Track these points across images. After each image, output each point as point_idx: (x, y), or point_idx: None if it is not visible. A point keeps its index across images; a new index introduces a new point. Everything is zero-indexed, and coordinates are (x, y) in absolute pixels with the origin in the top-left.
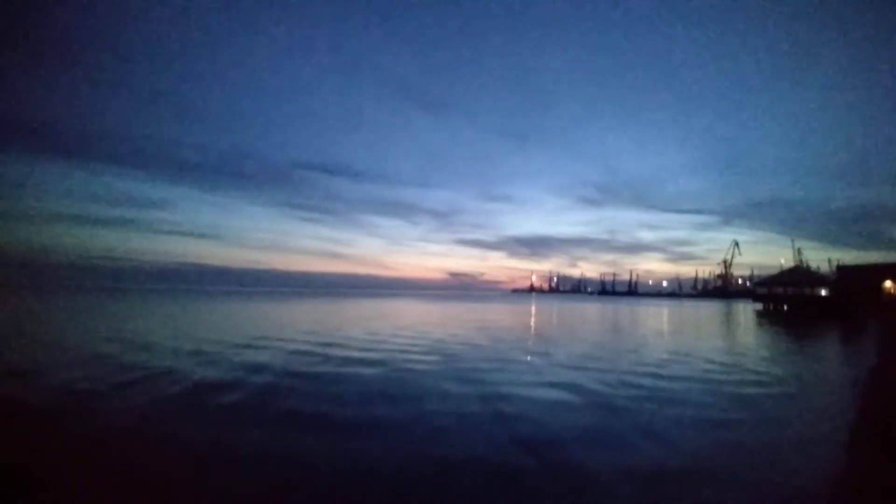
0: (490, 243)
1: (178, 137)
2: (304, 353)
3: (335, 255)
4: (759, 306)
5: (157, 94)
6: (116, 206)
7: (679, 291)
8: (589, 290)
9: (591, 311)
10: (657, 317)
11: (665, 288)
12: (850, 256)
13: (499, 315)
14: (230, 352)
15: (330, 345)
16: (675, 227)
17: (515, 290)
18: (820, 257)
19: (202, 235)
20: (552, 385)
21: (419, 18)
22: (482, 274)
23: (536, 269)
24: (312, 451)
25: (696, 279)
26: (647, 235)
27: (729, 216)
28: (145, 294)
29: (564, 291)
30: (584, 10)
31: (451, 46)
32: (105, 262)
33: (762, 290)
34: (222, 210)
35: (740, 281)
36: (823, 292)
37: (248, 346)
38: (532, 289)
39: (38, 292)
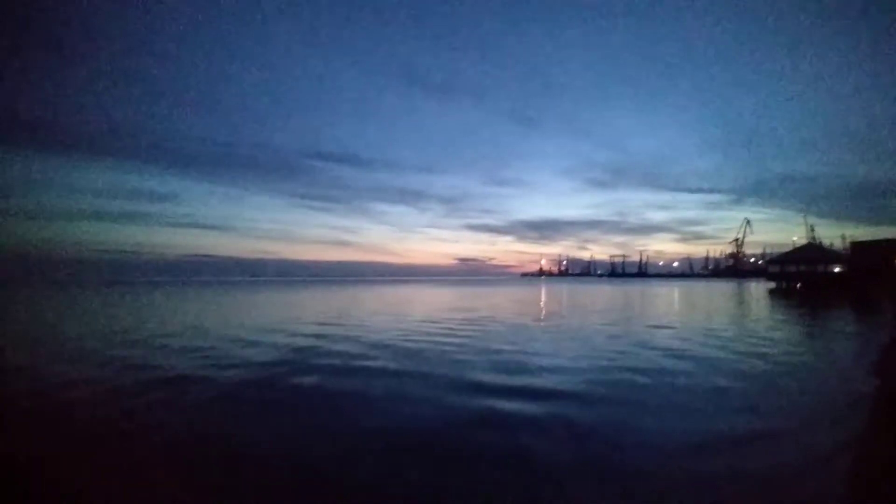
0: (498, 228)
1: (185, 131)
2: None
3: (344, 243)
4: (772, 285)
5: (163, 89)
6: (126, 201)
7: (690, 272)
8: (598, 272)
9: (608, 293)
10: (679, 298)
11: (676, 269)
12: (864, 232)
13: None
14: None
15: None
16: (686, 206)
17: (525, 275)
18: (833, 234)
19: (212, 227)
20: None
21: (424, 3)
22: (491, 259)
23: (546, 252)
24: None
25: (707, 259)
26: (657, 216)
27: (740, 194)
28: (161, 287)
29: (574, 274)
30: None
31: (457, 30)
32: (115, 256)
33: (775, 269)
34: (231, 201)
35: (752, 260)
36: (837, 269)
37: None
38: (542, 272)
39: (54, 287)
